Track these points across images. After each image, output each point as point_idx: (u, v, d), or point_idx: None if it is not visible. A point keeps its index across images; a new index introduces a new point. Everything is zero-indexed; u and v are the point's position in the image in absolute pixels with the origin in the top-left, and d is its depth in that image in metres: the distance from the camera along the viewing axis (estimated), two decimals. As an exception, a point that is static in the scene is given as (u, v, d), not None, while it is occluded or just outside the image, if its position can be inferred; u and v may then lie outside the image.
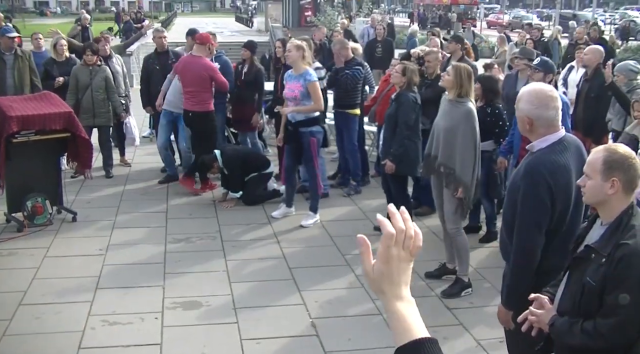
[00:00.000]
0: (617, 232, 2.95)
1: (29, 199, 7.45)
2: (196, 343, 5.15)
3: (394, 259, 1.45)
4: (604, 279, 2.90)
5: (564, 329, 3.06)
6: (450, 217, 6.06)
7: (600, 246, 2.97)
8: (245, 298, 5.91)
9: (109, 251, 6.96)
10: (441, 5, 52.91)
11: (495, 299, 5.84)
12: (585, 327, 2.98)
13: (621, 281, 2.87)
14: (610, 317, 2.91)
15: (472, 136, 5.85)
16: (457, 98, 5.87)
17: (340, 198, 8.86)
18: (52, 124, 7.46)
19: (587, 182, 3.07)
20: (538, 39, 15.14)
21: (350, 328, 5.44)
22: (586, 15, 40.61)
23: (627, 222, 2.96)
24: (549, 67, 7.19)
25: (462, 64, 6.35)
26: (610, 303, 2.89)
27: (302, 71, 7.50)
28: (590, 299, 2.97)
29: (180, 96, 8.93)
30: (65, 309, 5.65)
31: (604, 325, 2.92)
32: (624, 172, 2.97)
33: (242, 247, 7.13)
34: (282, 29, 24.60)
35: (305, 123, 7.56)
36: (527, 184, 3.56)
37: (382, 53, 14.55)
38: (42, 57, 10.13)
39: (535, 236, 3.58)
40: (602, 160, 3.00)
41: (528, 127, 3.63)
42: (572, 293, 3.08)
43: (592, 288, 2.95)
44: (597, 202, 3.09)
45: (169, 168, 9.55)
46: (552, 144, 3.57)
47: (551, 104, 3.58)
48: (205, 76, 8.46)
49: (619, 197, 3.00)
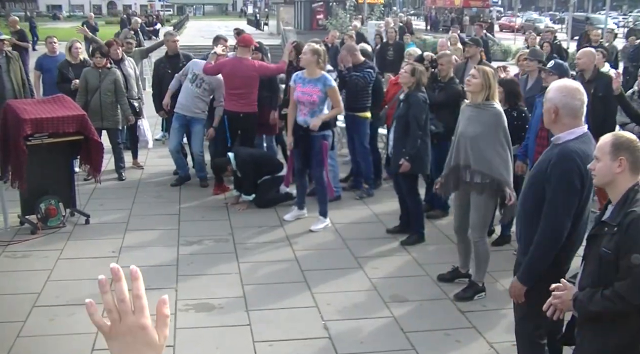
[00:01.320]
0: (625, 206, 3.22)
1: (43, 202, 7.49)
2: (208, 345, 5.16)
3: (126, 333, 1.29)
4: (617, 247, 3.16)
5: (586, 300, 3.27)
6: (477, 226, 5.92)
7: (611, 218, 3.24)
8: (257, 300, 5.91)
9: (121, 253, 6.98)
10: (453, 8, 52.80)
11: (508, 303, 5.83)
12: (605, 293, 3.19)
13: (632, 244, 3.12)
14: (626, 278, 3.13)
15: (506, 138, 5.76)
16: (485, 102, 5.77)
17: (352, 201, 8.85)
18: (65, 127, 7.49)
19: (596, 164, 3.32)
20: (551, 41, 15.07)
21: (363, 330, 5.43)
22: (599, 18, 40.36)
23: (633, 196, 3.23)
24: (564, 70, 7.16)
25: (486, 67, 6.32)
26: (625, 265, 3.13)
27: (318, 75, 7.47)
28: (608, 268, 3.20)
29: (192, 99, 8.97)
30: (79, 311, 5.65)
31: (622, 287, 3.14)
32: (631, 153, 3.24)
33: (254, 250, 7.14)
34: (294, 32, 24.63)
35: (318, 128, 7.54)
36: (560, 171, 3.76)
37: (393, 56, 14.53)
38: (56, 61, 10.19)
39: (564, 218, 3.81)
40: (611, 142, 3.27)
41: (554, 117, 3.84)
42: (591, 268, 3.31)
43: (608, 256, 3.18)
44: (606, 183, 3.34)
45: (181, 170, 9.57)
46: (579, 136, 3.83)
47: (577, 96, 3.82)
48: (255, 76, 8.56)
49: (626, 177, 3.25)
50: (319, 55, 7.46)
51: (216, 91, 9.05)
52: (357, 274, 6.55)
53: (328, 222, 7.85)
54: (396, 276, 6.54)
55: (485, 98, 5.76)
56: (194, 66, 9.09)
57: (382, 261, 6.90)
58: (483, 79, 5.73)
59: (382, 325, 5.52)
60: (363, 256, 6.97)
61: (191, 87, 8.99)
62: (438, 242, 7.45)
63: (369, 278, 6.45)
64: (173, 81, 9.35)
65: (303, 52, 7.68)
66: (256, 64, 8.71)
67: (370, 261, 6.88)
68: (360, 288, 6.26)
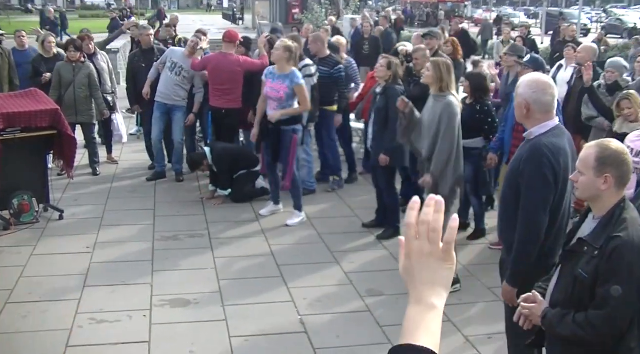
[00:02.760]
0: (609, 226, 3.00)
1: (16, 197, 7.40)
2: (184, 341, 5.13)
3: (414, 252, 1.33)
4: (596, 272, 2.96)
5: (555, 321, 3.12)
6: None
7: (593, 239, 3.02)
8: (233, 295, 5.90)
9: (96, 248, 6.92)
10: (428, 3, 52.95)
11: (484, 296, 5.88)
12: (577, 318, 3.04)
13: (613, 274, 2.92)
14: (602, 308, 2.96)
15: (451, 128, 5.86)
16: (439, 92, 5.94)
17: (327, 195, 8.86)
18: (38, 122, 7.40)
19: (579, 178, 3.12)
20: (526, 36, 15.18)
21: (339, 324, 5.44)
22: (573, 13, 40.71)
23: (619, 215, 3.02)
24: (539, 64, 7.23)
25: (440, 59, 6.41)
26: (602, 295, 2.94)
27: (287, 72, 7.44)
28: (582, 292, 3.03)
29: (173, 87, 8.98)
30: (53, 308, 5.62)
31: (596, 316, 2.97)
32: (617, 168, 3.02)
33: (230, 245, 7.12)
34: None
35: (287, 122, 7.50)
36: (532, 166, 3.71)
37: (369, 50, 14.53)
38: (25, 55, 10.05)
39: (541, 213, 3.73)
40: (595, 156, 3.05)
41: (525, 112, 3.79)
42: (564, 285, 3.15)
43: (584, 280, 3.00)
44: (589, 198, 3.16)
45: (159, 165, 9.52)
46: (551, 129, 3.76)
47: (549, 90, 3.77)
48: (239, 71, 8.57)
49: (611, 193, 3.05)
50: (291, 52, 7.41)
51: (195, 78, 9.07)
52: (333, 269, 6.56)
53: (304, 216, 7.84)
54: (372, 270, 6.56)
55: (439, 89, 5.93)
56: (172, 55, 9.09)
57: (358, 255, 6.92)
58: (434, 72, 5.92)
59: (358, 319, 5.54)
60: (339, 251, 6.98)
61: (171, 75, 8.97)
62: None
63: (345, 272, 6.46)
64: (152, 70, 9.30)
65: (275, 47, 7.64)
66: (241, 59, 8.70)
67: (346, 255, 6.89)
68: (336, 282, 6.27)
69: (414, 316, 1.32)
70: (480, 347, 5.10)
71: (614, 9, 56.19)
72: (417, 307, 1.33)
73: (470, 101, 7.01)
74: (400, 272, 1.36)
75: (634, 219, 3.04)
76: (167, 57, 9.07)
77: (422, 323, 1.31)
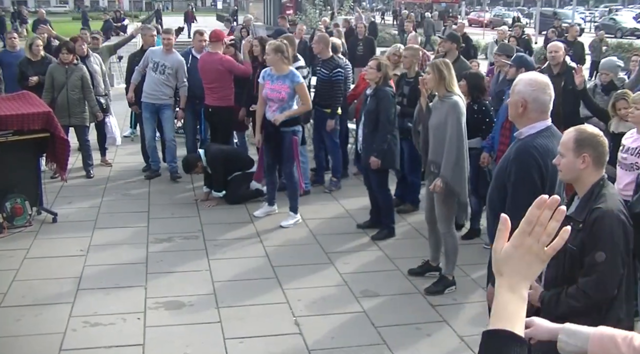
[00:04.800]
0: (590, 201, 3.23)
1: (8, 200, 7.36)
2: (179, 343, 5.11)
3: (524, 247, 1.43)
4: (582, 243, 3.17)
5: (552, 301, 3.27)
6: (442, 219, 5.99)
7: (576, 214, 3.27)
8: (228, 297, 5.88)
9: (90, 251, 6.89)
10: (422, 3, 52.95)
11: (479, 296, 5.87)
12: (569, 291, 3.23)
13: (596, 241, 3.15)
14: (591, 275, 3.17)
15: (458, 129, 5.79)
16: (446, 93, 5.86)
17: (322, 196, 8.84)
18: (30, 124, 7.37)
19: (561, 160, 3.31)
20: (519, 36, 15.21)
21: (334, 326, 5.42)
22: (567, 13, 40.83)
23: (598, 192, 3.24)
24: (523, 62, 7.23)
25: (437, 60, 6.37)
26: (589, 262, 3.17)
27: (286, 72, 7.42)
28: (572, 264, 3.22)
29: (159, 87, 9.08)
30: (46, 311, 5.58)
31: (585, 283, 3.18)
32: (594, 148, 3.24)
33: (224, 247, 7.09)
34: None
35: (287, 123, 7.49)
36: (518, 167, 3.72)
37: (363, 51, 14.53)
38: (17, 56, 10.02)
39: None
40: (574, 139, 3.26)
41: (521, 111, 3.76)
42: (556, 262, 3.25)
43: (573, 253, 3.20)
44: (571, 178, 3.35)
45: (154, 163, 9.60)
46: (541, 130, 3.75)
47: (547, 90, 3.76)
48: (223, 70, 8.66)
49: (590, 172, 3.26)
50: (282, 52, 7.39)
51: (178, 72, 9.13)
52: (328, 270, 6.54)
53: (298, 218, 7.83)
54: (367, 270, 6.55)
55: (444, 89, 5.87)
56: (152, 55, 9.16)
57: (353, 256, 6.90)
58: (435, 73, 5.83)
59: (353, 320, 5.52)
60: (334, 252, 6.97)
61: (155, 75, 9.03)
62: (408, 236, 7.47)
63: (340, 273, 6.45)
64: (135, 75, 9.39)
65: (266, 53, 7.63)
66: (223, 58, 8.73)
67: (340, 256, 6.88)
68: (331, 283, 6.25)
69: (509, 303, 1.41)
70: (475, 347, 5.08)
71: (611, 9, 56.32)
72: (511, 294, 1.42)
73: (467, 100, 6.98)
74: (500, 255, 1.45)
75: (612, 194, 3.28)
76: (148, 58, 9.14)
77: (518, 314, 1.40)
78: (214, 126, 9.15)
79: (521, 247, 1.43)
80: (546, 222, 1.43)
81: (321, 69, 8.69)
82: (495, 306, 1.41)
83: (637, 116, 5.66)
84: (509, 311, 1.39)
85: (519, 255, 1.43)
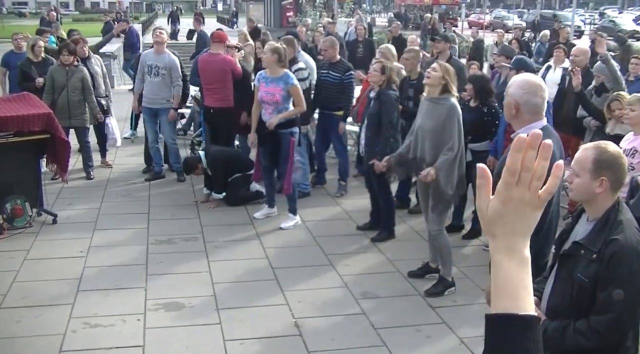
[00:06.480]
0: (605, 228, 2.96)
1: (9, 202, 7.36)
2: (179, 344, 5.11)
3: (513, 201, 1.20)
4: (596, 276, 2.91)
5: (557, 334, 3.04)
6: (433, 219, 6.02)
7: (589, 242, 2.97)
8: (228, 299, 5.88)
9: (90, 252, 6.89)
10: (423, 5, 53.00)
11: (479, 298, 5.87)
12: (578, 327, 2.98)
13: (614, 277, 2.88)
14: (606, 313, 2.91)
15: (458, 130, 5.80)
16: (440, 95, 5.84)
17: (322, 198, 8.85)
18: (30, 126, 7.38)
19: (574, 179, 3.07)
20: (520, 38, 15.24)
21: (334, 327, 5.42)
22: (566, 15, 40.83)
23: (614, 218, 2.98)
24: (523, 65, 7.23)
25: (446, 64, 6.35)
26: (604, 299, 2.90)
27: (281, 74, 7.42)
28: (582, 296, 2.98)
29: (157, 90, 9.10)
30: (46, 312, 5.59)
31: (599, 322, 2.93)
32: (613, 172, 2.99)
33: (224, 248, 7.10)
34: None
35: (285, 125, 7.49)
36: None
37: (363, 53, 14.55)
38: (22, 58, 10.02)
39: None
40: (592, 159, 3.01)
41: (514, 112, 3.74)
42: (562, 290, 3.09)
43: (584, 284, 2.96)
44: (583, 200, 3.11)
45: (157, 165, 9.60)
46: None
47: (539, 92, 3.72)
48: (226, 70, 8.64)
49: (607, 195, 3.01)
50: (279, 54, 7.39)
51: (172, 72, 9.13)
52: (328, 272, 6.54)
53: (298, 219, 7.83)
54: (367, 272, 6.55)
55: (441, 92, 5.84)
56: (145, 59, 9.20)
57: (353, 258, 6.90)
58: (443, 73, 5.80)
59: (353, 322, 5.52)
60: (334, 253, 6.97)
61: (151, 78, 9.08)
62: (408, 238, 7.47)
63: (340, 275, 6.45)
64: (136, 84, 9.45)
65: (264, 51, 7.64)
66: (226, 58, 8.73)
67: (340, 258, 6.88)
68: (331, 285, 6.25)
69: (509, 271, 1.20)
70: (475, 349, 5.09)
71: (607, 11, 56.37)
72: (511, 260, 1.21)
73: (475, 103, 6.96)
74: (489, 216, 1.23)
75: (629, 221, 3.01)
76: (142, 64, 9.18)
77: (521, 282, 1.20)
78: (214, 128, 9.10)
79: (510, 201, 1.20)
80: (533, 164, 1.19)
81: (329, 71, 8.65)
82: (495, 279, 1.21)
83: (632, 117, 5.67)
84: (511, 282, 1.20)
85: (511, 211, 1.20)
